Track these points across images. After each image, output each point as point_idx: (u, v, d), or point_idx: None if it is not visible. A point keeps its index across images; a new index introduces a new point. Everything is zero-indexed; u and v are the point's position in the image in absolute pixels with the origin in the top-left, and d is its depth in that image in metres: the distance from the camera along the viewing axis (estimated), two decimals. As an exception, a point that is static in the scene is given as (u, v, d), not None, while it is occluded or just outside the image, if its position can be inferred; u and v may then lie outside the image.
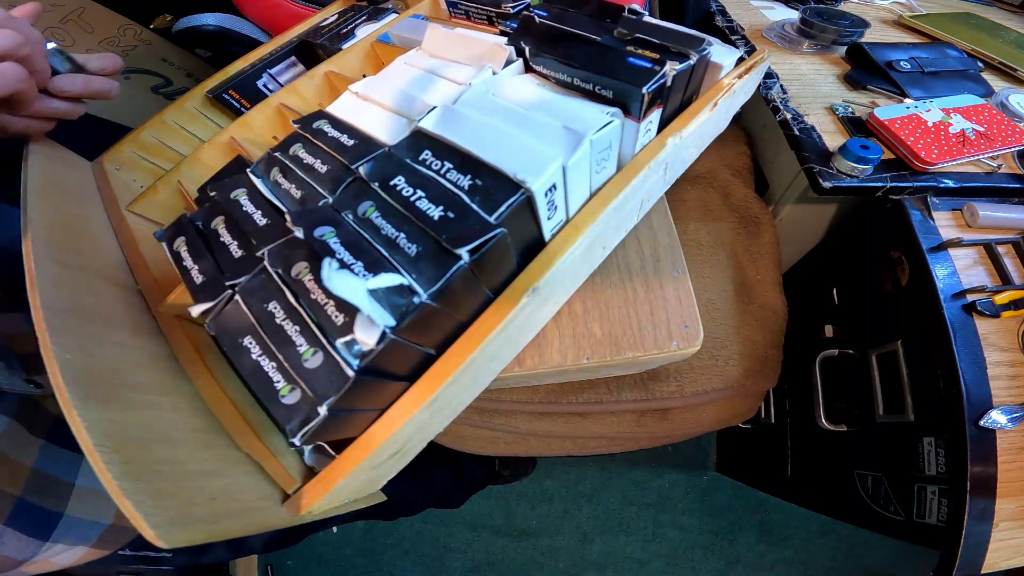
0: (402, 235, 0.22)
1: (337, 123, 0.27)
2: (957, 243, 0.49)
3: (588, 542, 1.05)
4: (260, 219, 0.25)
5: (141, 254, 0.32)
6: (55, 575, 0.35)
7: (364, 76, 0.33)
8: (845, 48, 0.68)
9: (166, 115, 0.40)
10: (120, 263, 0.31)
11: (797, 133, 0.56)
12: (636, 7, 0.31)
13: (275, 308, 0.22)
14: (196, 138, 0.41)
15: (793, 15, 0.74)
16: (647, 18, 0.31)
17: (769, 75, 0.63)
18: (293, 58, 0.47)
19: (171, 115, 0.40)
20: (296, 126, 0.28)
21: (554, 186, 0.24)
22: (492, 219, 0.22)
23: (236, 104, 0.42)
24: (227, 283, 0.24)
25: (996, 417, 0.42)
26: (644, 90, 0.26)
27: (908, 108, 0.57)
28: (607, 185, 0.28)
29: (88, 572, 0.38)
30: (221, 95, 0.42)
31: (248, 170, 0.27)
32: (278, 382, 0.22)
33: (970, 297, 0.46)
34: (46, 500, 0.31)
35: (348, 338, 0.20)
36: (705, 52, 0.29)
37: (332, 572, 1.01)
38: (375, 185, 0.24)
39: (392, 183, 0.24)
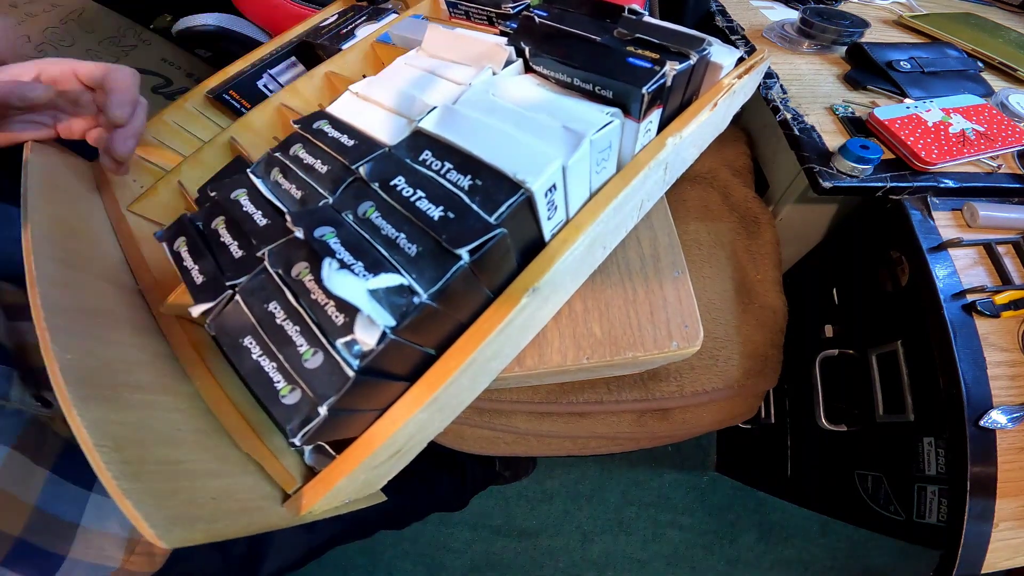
0: (402, 235, 0.22)
1: (337, 123, 0.27)
2: (957, 243, 0.49)
3: (588, 542, 1.05)
4: (260, 219, 0.25)
5: (141, 254, 0.32)
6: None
7: (364, 76, 0.33)
8: (845, 48, 0.68)
9: (166, 115, 0.40)
10: (120, 263, 0.31)
11: (797, 133, 0.56)
12: (636, 7, 0.31)
13: (275, 308, 0.22)
14: (196, 138, 0.41)
15: (793, 15, 0.74)
16: (647, 18, 0.31)
17: (769, 75, 0.63)
18: (293, 58, 0.47)
19: (171, 115, 0.40)
20: (296, 126, 0.28)
21: (554, 186, 0.24)
22: (492, 219, 0.22)
23: (236, 104, 0.42)
24: (227, 283, 0.24)
25: (996, 417, 0.42)
26: (644, 90, 0.26)
27: (908, 108, 0.57)
28: (607, 185, 0.28)
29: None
30: (221, 95, 0.42)
31: (248, 170, 0.27)
32: (278, 382, 0.22)
33: (970, 297, 0.46)
34: (47, 541, 0.29)
35: (348, 338, 0.20)
36: (705, 52, 0.29)
37: (332, 572, 1.01)
38: (375, 185, 0.24)
39: (392, 183, 0.24)
